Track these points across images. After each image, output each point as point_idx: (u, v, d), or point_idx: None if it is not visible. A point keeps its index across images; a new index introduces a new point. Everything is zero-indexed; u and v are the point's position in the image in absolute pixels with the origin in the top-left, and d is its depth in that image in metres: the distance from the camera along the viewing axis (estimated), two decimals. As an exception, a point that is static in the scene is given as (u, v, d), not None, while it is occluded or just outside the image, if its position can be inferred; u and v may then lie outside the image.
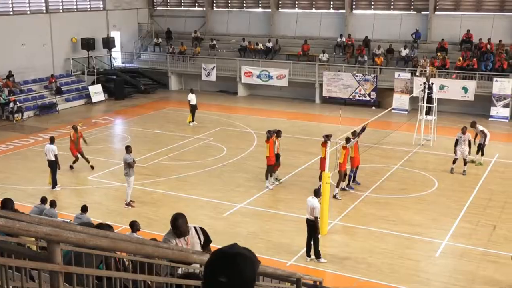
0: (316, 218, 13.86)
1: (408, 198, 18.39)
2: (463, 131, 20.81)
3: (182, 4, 43.38)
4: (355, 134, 19.04)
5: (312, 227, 13.92)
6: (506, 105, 29.87)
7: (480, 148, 21.66)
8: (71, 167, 21.22)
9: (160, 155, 22.97)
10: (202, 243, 6.56)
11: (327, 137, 17.75)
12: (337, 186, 18.41)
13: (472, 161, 21.62)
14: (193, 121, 28.35)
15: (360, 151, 19.58)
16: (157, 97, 36.13)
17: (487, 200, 18.16)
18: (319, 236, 14.21)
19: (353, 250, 14.62)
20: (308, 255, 14.08)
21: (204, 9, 41.79)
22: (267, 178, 19.35)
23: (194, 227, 6.63)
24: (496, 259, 14.10)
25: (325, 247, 14.62)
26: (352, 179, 19.41)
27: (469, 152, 20.82)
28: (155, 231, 14.37)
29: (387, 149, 23.62)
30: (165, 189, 19.27)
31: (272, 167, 19.40)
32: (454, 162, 20.84)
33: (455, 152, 20.85)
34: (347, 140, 18.45)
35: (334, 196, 17.93)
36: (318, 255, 13.98)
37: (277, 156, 19.66)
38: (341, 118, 19.84)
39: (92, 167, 21.15)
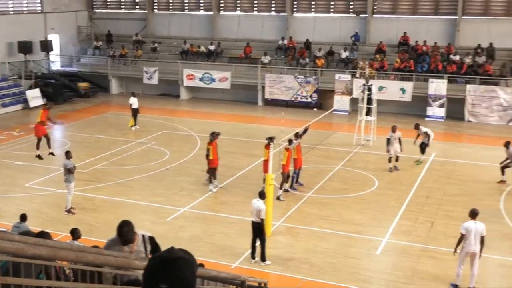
0: (262, 220, 13.98)
1: (350, 198, 18.76)
2: (393, 129, 21.52)
3: (122, 6, 42.83)
4: (297, 136, 19.27)
5: (258, 229, 14.01)
6: (441, 105, 30.92)
7: (423, 148, 22.31)
8: (39, 156, 21.82)
9: (101, 160, 22.60)
10: (148, 252, 6.44)
11: (270, 139, 17.91)
12: (280, 188, 18.62)
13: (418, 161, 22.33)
14: (135, 125, 28.02)
15: (303, 152, 19.82)
16: (97, 101, 35.54)
17: (425, 198, 18.74)
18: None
19: (297, 251, 14.81)
20: (253, 257, 14.16)
21: (145, 11, 41.40)
22: (210, 181, 19.35)
23: (143, 236, 6.47)
24: (434, 254, 14.56)
25: (270, 248, 14.74)
26: (295, 180, 19.64)
27: (401, 149, 21.46)
28: (96, 238, 14.13)
29: (329, 150, 24.02)
30: (107, 194, 18.97)
31: (215, 170, 19.38)
32: (389, 160, 21.45)
33: (387, 151, 21.49)
34: (290, 141, 18.66)
35: (278, 198, 18.11)
36: (264, 257, 14.08)
37: None
38: (283, 120, 20.06)
39: (52, 154, 21.90)
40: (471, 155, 23.81)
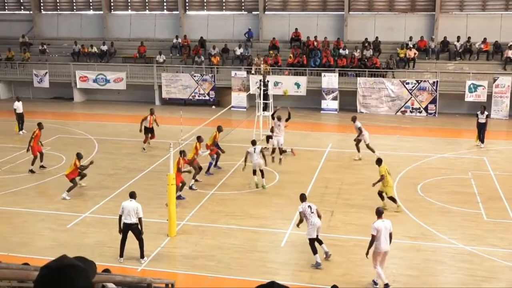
0: (140, 218, 13.84)
1: (252, 193, 18.99)
2: (279, 119, 21.93)
3: (6, 7, 40.74)
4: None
5: (137, 229, 13.89)
6: (334, 98, 32.00)
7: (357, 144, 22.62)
8: (40, 167, 21.38)
9: (-8, 170, 21.43)
10: None
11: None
12: (193, 178, 19.29)
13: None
14: (21, 129, 26.82)
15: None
16: (-16, 107, 33.62)
17: (324, 188, 19.31)
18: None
19: (203, 249, 14.79)
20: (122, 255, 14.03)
21: (31, 12, 39.64)
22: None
23: None
24: (335, 242, 15.05)
25: (175, 248, 14.67)
26: (213, 164, 20.76)
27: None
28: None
29: (230, 147, 24.06)
30: (0, 205, 17.99)
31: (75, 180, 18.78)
32: (273, 151, 21.73)
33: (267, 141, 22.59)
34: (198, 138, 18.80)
35: (190, 187, 18.86)
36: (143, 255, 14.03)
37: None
38: (182, 119, 19.96)
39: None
40: (364, 145, 24.76)
